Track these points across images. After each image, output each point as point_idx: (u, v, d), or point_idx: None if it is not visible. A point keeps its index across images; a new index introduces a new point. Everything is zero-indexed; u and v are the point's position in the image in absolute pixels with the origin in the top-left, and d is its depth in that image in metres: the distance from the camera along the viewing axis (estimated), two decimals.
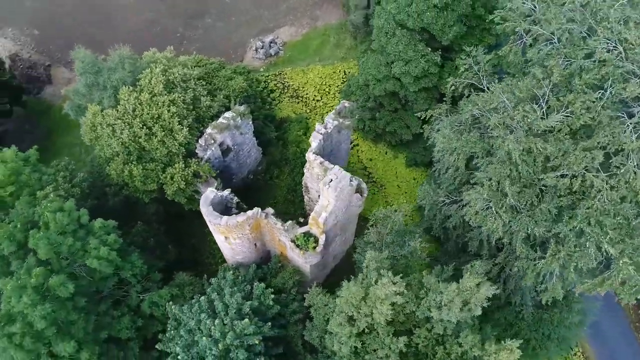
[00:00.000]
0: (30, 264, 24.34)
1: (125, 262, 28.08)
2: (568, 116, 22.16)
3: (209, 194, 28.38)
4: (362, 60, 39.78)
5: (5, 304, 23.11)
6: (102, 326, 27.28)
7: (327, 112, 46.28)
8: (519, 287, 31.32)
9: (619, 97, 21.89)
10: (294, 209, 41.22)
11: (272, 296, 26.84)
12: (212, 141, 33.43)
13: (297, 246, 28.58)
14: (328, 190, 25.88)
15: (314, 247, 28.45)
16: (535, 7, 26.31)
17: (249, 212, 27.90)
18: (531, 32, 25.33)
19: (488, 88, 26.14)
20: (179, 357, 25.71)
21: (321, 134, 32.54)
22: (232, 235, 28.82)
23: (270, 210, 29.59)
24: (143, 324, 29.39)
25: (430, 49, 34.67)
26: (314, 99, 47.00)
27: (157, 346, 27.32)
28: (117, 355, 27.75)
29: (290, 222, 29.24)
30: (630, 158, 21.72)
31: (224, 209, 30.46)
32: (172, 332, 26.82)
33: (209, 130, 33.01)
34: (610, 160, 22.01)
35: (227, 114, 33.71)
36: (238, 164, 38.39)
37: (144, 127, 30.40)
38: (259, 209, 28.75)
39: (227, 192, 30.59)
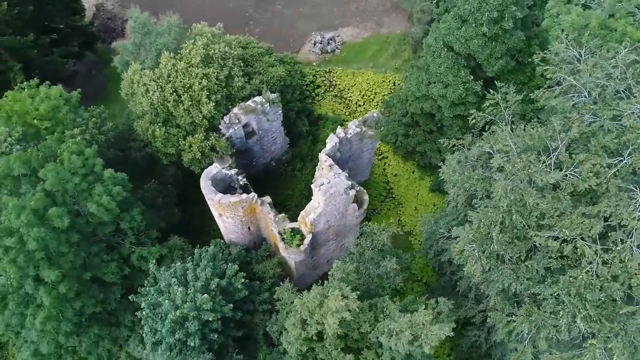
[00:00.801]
0: (37, 190, 26.56)
1: (125, 213, 29.83)
2: (574, 176, 20.69)
3: (212, 169, 29.40)
4: (406, 75, 39.09)
5: (6, 219, 25.39)
6: (90, 265, 29.22)
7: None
8: (502, 340, 29.78)
9: (635, 168, 20.10)
10: (307, 204, 41.47)
11: (243, 280, 27.41)
12: (237, 121, 34.44)
13: (283, 240, 28.93)
14: (318, 193, 25.94)
15: (298, 245, 28.66)
16: (580, 55, 24.66)
17: (243, 195, 28.60)
18: (566, 81, 23.79)
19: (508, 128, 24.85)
20: (143, 312, 27.10)
21: (339, 137, 32.54)
22: (225, 214, 29.70)
23: (267, 198, 30.11)
24: (130, 274, 31.08)
25: (472, 77, 33.47)
26: (356, 103, 46.86)
27: (130, 297, 28.87)
28: (97, 295, 29.60)
29: (282, 214, 29.63)
30: (633, 236, 19.96)
31: (227, 187, 31.41)
32: (148, 288, 28.22)
33: (235, 110, 34.03)
34: (610, 234, 20.34)
35: (257, 98, 34.53)
36: (261, 149, 39.23)
37: (174, 93, 31.95)
38: (255, 195, 29.37)
39: (233, 171, 31.52)
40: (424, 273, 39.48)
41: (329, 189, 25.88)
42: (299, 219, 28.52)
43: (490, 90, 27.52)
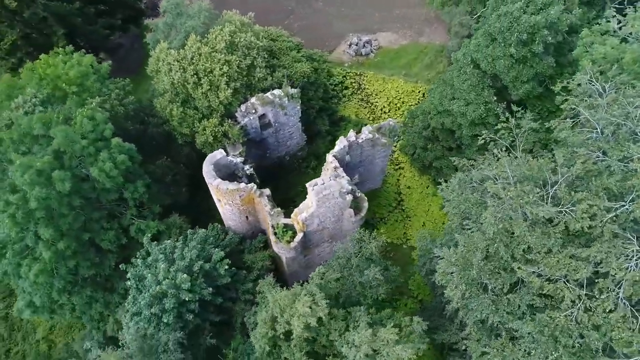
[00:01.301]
0: (47, 152, 27.80)
1: (130, 184, 30.75)
2: (569, 214, 19.65)
3: (217, 154, 29.82)
4: (432, 87, 38.33)
5: (13, 175, 26.75)
6: (89, 229, 30.32)
7: None
8: None
9: (636, 215, 18.86)
10: None
11: (227, 267, 27.68)
12: (253, 111, 34.77)
13: (275, 234, 29.04)
14: (311, 193, 25.83)
15: (288, 242, 28.67)
16: (604, 90, 23.34)
17: (242, 185, 28.85)
18: (582, 113, 22.61)
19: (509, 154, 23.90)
20: (128, 283, 27.92)
21: (349, 141, 32.28)
22: (223, 200, 30.08)
23: (266, 190, 30.25)
24: (127, 244, 32.06)
25: (496, 99, 32.37)
26: (381, 109, 46.28)
27: (120, 266, 29.74)
28: (92, 258, 30.71)
29: (278, 209, 29.70)
30: (621, 287, 18.78)
31: (231, 174, 31.78)
32: (138, 260, 29.01)
33: (252, 99, 34.36)
34: (597, 280, 19.22)
35: (276, 91, 34.71)
36: (276, 142, 39.45)
37: (195, 75, 32.60)
38: (255, 186, 29.57)
39: (239, 159, 31.86)
40: (420, 290, 38.62)
41: (322, 190, 25.72)
42: (292, 215, 28.52)
43: (506, 113, 26.60)
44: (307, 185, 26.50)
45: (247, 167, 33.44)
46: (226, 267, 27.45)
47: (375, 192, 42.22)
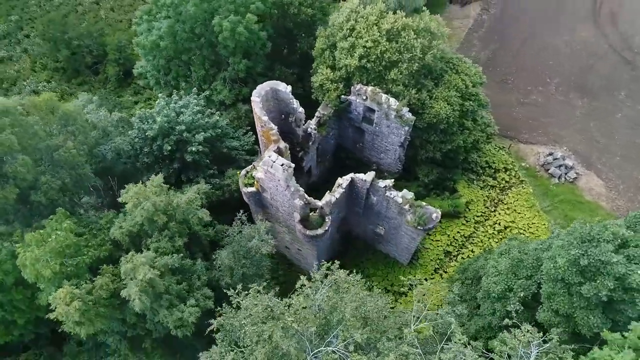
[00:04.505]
0: None
1: (240, 55, 35.63)
2: None
3: (282, 85, 31.29)
4: (512, 241, 30.64)
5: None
6: (193, 56, 36.95)
7: (472, 240, 38.59)
8: None
9: None
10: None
11: (196, 151, 30.35)
12: (363, 98, 34.30)
13: (246, 172, 30.40)
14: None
15: (245, 184, 29.82)
16: None
17: (265, 118, 30.07)
18: None
19: None
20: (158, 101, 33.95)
21: (373, 181, 29.83)
22: (255, 119, 32.25)
23: (282, 143, 30.76)
24: (204, 88, 38.03)
25: (521, 307, 24.50)
26: (493, 224, 38.92)
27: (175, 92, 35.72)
28: (181, 74, 37.85)
29: (269, 159, 30.35)
30: None
31: (285, 113, 33.20)
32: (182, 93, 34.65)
33: (368, 87, 33.73)
34: None
35: (392, 99, 33.17)
36: (372, 144, 38.16)
37: (349, 30, 33.60)
38: (275, 128, 30.38)
39: (302, 110, 32.76)
40: None
41: (268, 165, 25.37)
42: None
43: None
44: (266, 150, 26.44)
45: (313, 125, 34.36)
46: (194, 149, 30.46)
47: (396, 265, 37.92)
